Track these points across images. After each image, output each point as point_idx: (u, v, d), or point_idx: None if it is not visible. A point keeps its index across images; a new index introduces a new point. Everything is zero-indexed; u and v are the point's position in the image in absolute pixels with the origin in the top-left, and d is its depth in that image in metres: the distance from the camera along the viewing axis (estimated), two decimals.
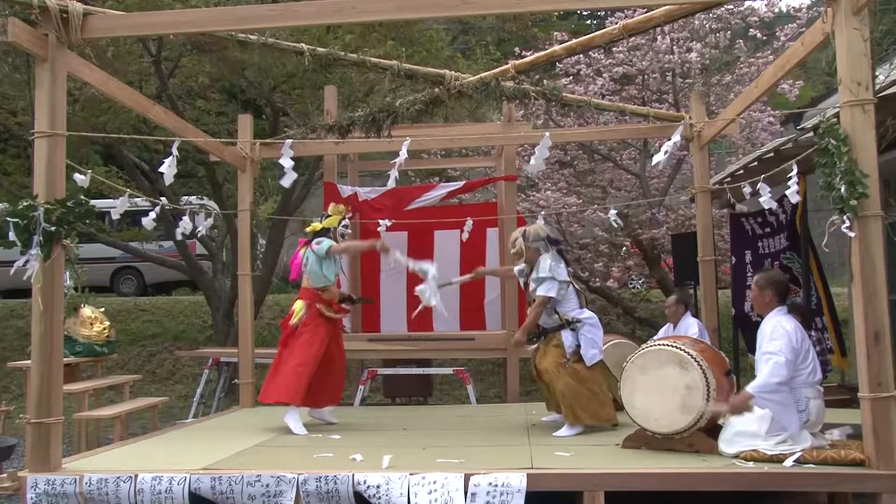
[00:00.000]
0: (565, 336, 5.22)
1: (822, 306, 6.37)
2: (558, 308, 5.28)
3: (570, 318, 5.25)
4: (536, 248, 5.38)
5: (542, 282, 5.24)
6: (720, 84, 10.11)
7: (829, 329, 6.33)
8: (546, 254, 5.32)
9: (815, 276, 6.39)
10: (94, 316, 7.45)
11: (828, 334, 6.36)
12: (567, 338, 5.21)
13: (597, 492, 3.84)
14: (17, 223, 4.11)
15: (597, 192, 10.81)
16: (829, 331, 6.33)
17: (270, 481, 3.88)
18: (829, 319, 6.35)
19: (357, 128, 6.14)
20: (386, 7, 4.53)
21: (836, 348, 6.32)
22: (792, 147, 5.65)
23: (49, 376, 4.19)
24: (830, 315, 6.37)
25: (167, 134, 6.89)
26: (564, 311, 5.28)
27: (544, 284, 5.23)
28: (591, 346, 5.20)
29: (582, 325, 5.22)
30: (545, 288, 5.22)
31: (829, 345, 6.34)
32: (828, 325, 6.35)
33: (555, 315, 5.29)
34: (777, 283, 4.33)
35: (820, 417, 4.16)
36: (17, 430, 7.71)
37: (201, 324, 12.33)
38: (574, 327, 5.22)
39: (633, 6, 7.41)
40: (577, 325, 5.22)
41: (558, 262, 5.31)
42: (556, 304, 5.27)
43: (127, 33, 5.76)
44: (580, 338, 5.20)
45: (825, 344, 6.35)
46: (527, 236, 5.42)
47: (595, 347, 5.21)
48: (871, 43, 3.90)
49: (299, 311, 5.69)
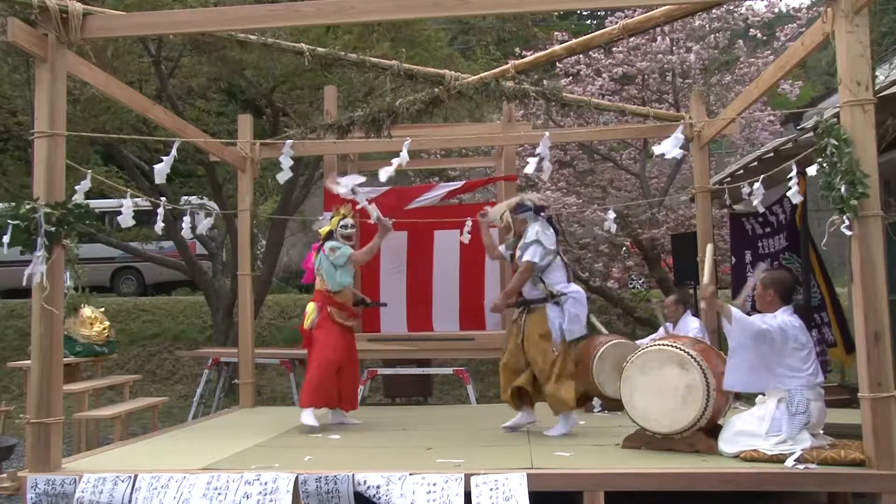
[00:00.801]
0: (550, 313, 5.03)
1: (826, 302, 6.35)
2: (544, 278, 5.09)
3: (554, 291, 5.08)
4: (524, 219, 5.25)
5: (527, 247, 5.09)
6: (720, 84, 10.11)
7: (832, 323, 6.32)
8: (534, 222, 5.19)
9: (816, 272, 6.38)
10: (94, 316, 7.45)
11: (830, 329, 6.35)
12: (552, 315, 5.03)
13: (597, 492, 3.83)
14: (17, 225, 4.11)
15: (597, 191, 10.81)
16: (832, 325, 6.32)
17: (269, 480, 3.88)
18: (833, 314, 6.34)
19: (357, 128, 6.14)
20: (386, 7, 4.53)
21: (839, 342, 6.31)
22: (792, 147, 5.65)
23: (49, 376, 4.19)
24: (834, 310, 6.35)
25: (167, 134, 6.88)
26: (550, 281, 5.10)
27: (529, 249, 5.07)
28: (574, 321, 5.02)
29: (566, 300, 5.06)
30: (530, 252, 5.06)
31: (831, 339, 6.33)
32: (831, 319, 6.33)
33: (540, 284, 5.10)
34: (781, 284, 4.33)
35: (821, 419, 4.16)
36: (17, 430, 7.70)
37: (201, 324, 12.32)
38: (558, 301, 5.06)
39: (633, 6, 7.41)
40: (562, 298, 5.06)
41: (546, 228, 5.18)
42: (541, 271, 5.08)
43: (126, 33, 5.76)
44: (565, 313, 5.03)
45: (826, 339, 6.34)
46: (512, 206, 5.31)
47: (578, 323, 5.03)
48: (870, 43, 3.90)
49: (311, 313, 5.70)
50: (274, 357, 9.19)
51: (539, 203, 5.35)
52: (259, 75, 9.39)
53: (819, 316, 6.41)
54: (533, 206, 5.26)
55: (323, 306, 5.69)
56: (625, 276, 11.23)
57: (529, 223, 5.22)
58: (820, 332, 6.43)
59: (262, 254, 11.20)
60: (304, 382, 5.64)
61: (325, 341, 5.60)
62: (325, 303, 5.70)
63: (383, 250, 8.17)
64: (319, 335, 5.63)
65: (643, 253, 10.29)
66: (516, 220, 5.32)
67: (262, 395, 9.99)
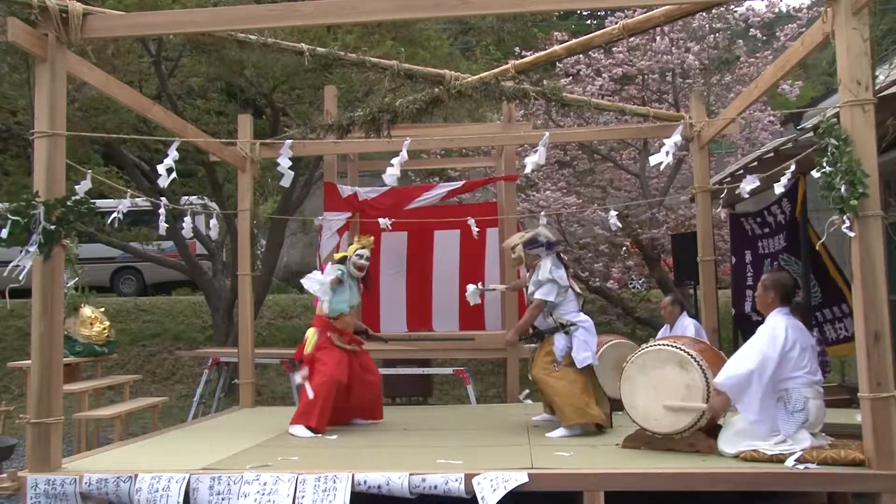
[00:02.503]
0: (557, 340, 5.23)
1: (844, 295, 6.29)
2: (554, 311, 5.29)
3: (564, 322, 5.26)
4: (536, 254, 5.41)
5: (541, 285, 5.26)
6: (720, 84, 10.12)
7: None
8: (546, 258, 5.33)
9: (831, 270, 6.36)
10: (94, 316, 7.45)
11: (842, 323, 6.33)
12: (559, 342, 5.22)
13: (597, 492, 3.84)
14: (16, 221, 4.09)
15: (597, 192, 10.82)
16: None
17: (269, 481, 3.88)
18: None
19: (357, 128, 6.14)
20: (386, 7, 4.53)
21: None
22: (792, 147, 5.65)
23: (49, 376, 4.19)
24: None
25: (167, 134, 6.88)
26: (560, 314, 5.28)
27: (543, 288, 5.25)
28: (583, 348, 5.18)
29: (576, 329, 5.22)
30: (544, 291, 5.24)
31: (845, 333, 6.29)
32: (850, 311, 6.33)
33: (550, 318, 5.31)
34: (782, 286, 4.33)
35: (819, 417, 4.16)
36: (17, 430, 7.70)
37: (201, 324, 12.32)
38: (567, 331, 5.23)
39: (633, 6, 7.41)
40: (571, 328, 5.23)
41: (558, 265, 5.33)
42: (552, 307, 5.28)
43: (126, 33, 5.76)
44: (573, 340, 5.20)
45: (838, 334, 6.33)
46: (525, 241, 5.45)
47: (587, 350, 5.19)
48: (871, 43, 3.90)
49: (311, 338, 5.65)
50: (274, 357, 9.19)
51: (551, 240, 5.49)
52: (259, 75, 9.39)
53: (830, 311, 6.40)
54: (546, 241, 5.41)
55: (323, 330, 5.65)
56: (625, 276, 11.24)
57: (542, 258, 5.35)
58: (821, 330, 6.43)
59: (262, 254, 11.19)
60: (302, 402, 5.45)
61: (325, 361, 5.51)
62: (325, 328, 5.66)
63: (383, 251, 8.19)
64: (321, 356, 5.54)
65: (643, 253, 10.29)
66: (528, 254, 5.44)
67: (262, 395, 9.99)
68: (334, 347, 5.61)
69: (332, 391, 5.40)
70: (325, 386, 5.39)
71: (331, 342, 5.61)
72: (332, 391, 5.40)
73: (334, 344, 5.62)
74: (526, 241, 5.48)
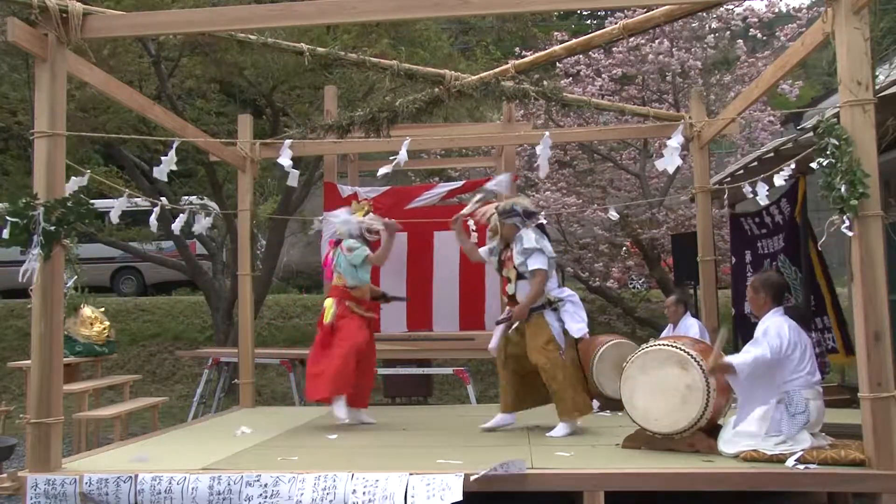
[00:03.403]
0: (550, 320, 5.01)
1: (826, 305, 6.33)
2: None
3: (552, 298, 5.04)
4: (513, 224, 5.11)
5: (532, 253, 4.96)
6: (720, 84, 10.11)
7: (833, 328, 6.30)
8: (527, 228, 5.08)
9: (818, 274, 6.36)
10: (94, 316, 7.45)
11: (831, 334, 6.33)
12: (553, 322, 5.01)
13: (597, 492, 3.83)
14: (16, 222, 4.10)
15: (597, 192, 10.81)
16: (833, 329, 6.31)
17: (269, 481, 3.88)
18: (834, 318, 6.32)
19: (357, 128, 6.14)
20: (386, 7, 4.53)
21: (840, 346, 6.28)
22: (792, 147, 5.65)
23: (49, 376, 4.19)
24: (834, 311, 6.33)
25: (167, 134, 6.89)
26: (548, 289, 5.06)
27: (535, 257, 4.96)
28: (575, 320, 5.00)
29: (563, 304, 5.04)
30: (539, 261, 4.96)
31: (832, 345, 6.31)
32: (832, 323, 6.32)
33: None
34: (772, 285, 4.32)
35: (819, 418, 4.16)
36: (17, 430, 7.70)
37: (201, 324, 12.32)
38: (556, 307, 5.04)
39: (633, 6, 7.41)
40: (559, 303, 5.04)
41: (541, 235, 5.11)
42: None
43: (126, 33, 5.77)
44: (563, 315, 5.02)
45: (825, 345, 6.33)
46: (500, 210, 5.16)
47: (581, 321, 5.01)
48: (871, 43, 3.89)
49: (330, 308, 5.68)
50: (274, 357, 9.19)
51: (530, 209, 5.23)
52: (259, 75, 9.39)
53: (821, 320, 6.38)
54: (522, 211, 5.13)
55: (341, 300, 5.69)
56: (625, 276, 11.24)
57: (520, 229, 5.11)
58: (822, 336, 6.41)
59: (262, 254, 11.19)
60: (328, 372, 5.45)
61: (348, 329, 5.57)
62: (343, 297, 5.70)
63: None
64: (342, 325, 5.59)
65: (643, 253, 10.29)
66: (504, 224, 5.14)
67: (262, 395, 9.99)
68: (353, 316, 5.66)
69: (352, 359, 5.49)
70: (349, 357, 5.47)
71: (349, 311, 5.66)
72: (352, 359, 5.49)
73: (353, 312, 5.67)
74: (501, 210, 5.14)
